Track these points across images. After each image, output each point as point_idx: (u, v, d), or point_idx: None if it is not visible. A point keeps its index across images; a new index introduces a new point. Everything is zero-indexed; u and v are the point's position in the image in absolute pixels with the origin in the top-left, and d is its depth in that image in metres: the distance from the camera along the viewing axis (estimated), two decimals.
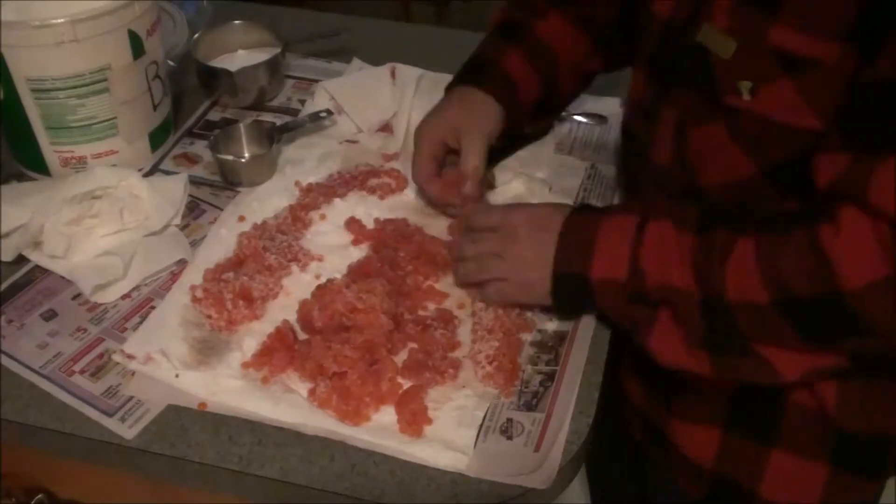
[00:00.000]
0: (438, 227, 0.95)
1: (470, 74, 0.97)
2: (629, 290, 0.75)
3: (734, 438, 0.83)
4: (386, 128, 1.11)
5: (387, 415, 0.77)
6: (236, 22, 1.21)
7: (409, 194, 1.00)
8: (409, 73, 1.13)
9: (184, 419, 0.77)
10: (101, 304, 0.88)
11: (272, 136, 1.05)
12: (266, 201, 0.99)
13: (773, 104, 0.71)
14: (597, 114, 1.13)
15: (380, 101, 1.13)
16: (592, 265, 0.77)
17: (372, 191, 1.00)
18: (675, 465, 0.89)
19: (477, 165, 0.92)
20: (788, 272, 0.68)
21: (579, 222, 0.79)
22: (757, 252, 0.69)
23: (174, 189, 0.99)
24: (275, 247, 0.91)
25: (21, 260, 0.92)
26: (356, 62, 1.24)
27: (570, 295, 0.80)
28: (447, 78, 0.99)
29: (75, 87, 0.95)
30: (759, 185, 0.75)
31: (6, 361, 0.82)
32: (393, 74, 1.15)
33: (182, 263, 0.92)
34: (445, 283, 0.90)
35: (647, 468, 0.98)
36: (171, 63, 1.16)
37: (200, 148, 1.09)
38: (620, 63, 0.99)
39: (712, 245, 0.71)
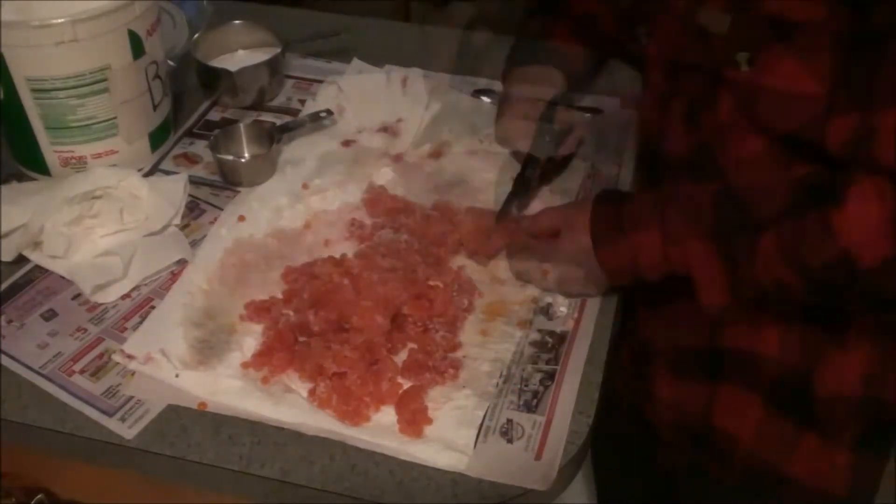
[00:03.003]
0: None
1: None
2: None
3: (773, 416, 0.86)
4: (388, 129, 1.11)
5: (387, 415, 0.77)
6: (236, 22, 1.21)
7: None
8: (420, 83, 1.14)
9: (184, 419, 0.77)
10: (101, 304, 0.88)
11: (272, 136, 1.05)
12: (266, 201, 0.99)
13: (772, 72, 0.73)
14: (594, 107, 1.13)
15: (386, 104, 1.13)
16: (647, 277, 0.82)
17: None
18: (711, 453, 0.90)
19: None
20: (809, 259, 0.71)
21: (611, 254, 0.83)
22: (778, 245, 0.73)
23: (174, 189, 0.99)
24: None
25: (21, 260, 0.92)
26: (356, 62, 1.24)
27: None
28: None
29: (75, 87, 0.95)
30: (772, 158, 0.78)
31: (6, 361, 0.82)
32: (404, 83, 1.15)
33: (182, 263, 0.92)
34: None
35: (677, 469, 0.99)
36: (171, 63, 1.16)
37: (200, 148, 1.09)
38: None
39: (735, 251, 0.75)
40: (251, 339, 0.83)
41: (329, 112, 1.11)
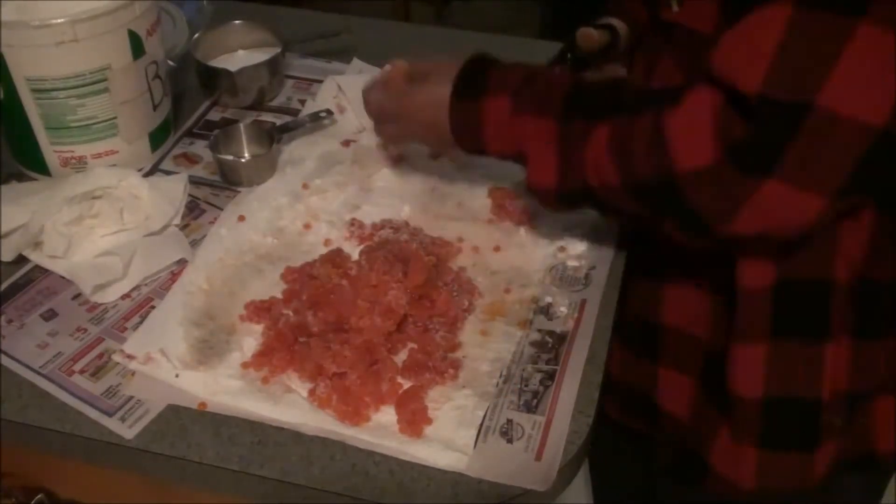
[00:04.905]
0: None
1: None
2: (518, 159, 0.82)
3: (707, 393, 0.85)
4: None
5: (387, 415, 0.77)
6: (236, 22, 1.21)
7: None
8: None
9: (184, 419, 0.77)
10: (101, 304, 0.88)
11: (272, 136, 1.05)
12: (266, 201, 0.99)
13: (696, 13, 0.73)
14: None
15: None
16: (488, 145, 0.83)
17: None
18: (658, 428, 0.90)
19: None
20: (634, 154, 0.70)
21: (462, 109, 0.83)
22: (610, 136, 0.72)
23: (174, 189, 0.99)
24: None
25: (21, 260, 0.92)
26: (356, 62, 1.24)
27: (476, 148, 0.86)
28: None
29: (75, 87, 0.95)
30: None
31: (6, 361, 0.82)
32: None
33: (182, 263, 0.92)
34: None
35: (632, 446, 1.00)
36: (171, 63, 1.16)
37: (200, 148, 1.09)
38: None
39: (571, 133, 0.75)
40: (251, 339, 0.83)
41: (329, 112, 1.11)
